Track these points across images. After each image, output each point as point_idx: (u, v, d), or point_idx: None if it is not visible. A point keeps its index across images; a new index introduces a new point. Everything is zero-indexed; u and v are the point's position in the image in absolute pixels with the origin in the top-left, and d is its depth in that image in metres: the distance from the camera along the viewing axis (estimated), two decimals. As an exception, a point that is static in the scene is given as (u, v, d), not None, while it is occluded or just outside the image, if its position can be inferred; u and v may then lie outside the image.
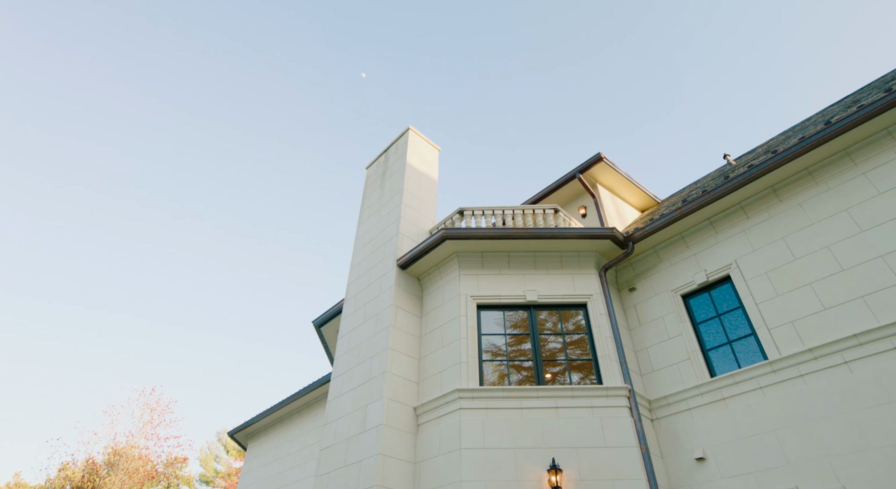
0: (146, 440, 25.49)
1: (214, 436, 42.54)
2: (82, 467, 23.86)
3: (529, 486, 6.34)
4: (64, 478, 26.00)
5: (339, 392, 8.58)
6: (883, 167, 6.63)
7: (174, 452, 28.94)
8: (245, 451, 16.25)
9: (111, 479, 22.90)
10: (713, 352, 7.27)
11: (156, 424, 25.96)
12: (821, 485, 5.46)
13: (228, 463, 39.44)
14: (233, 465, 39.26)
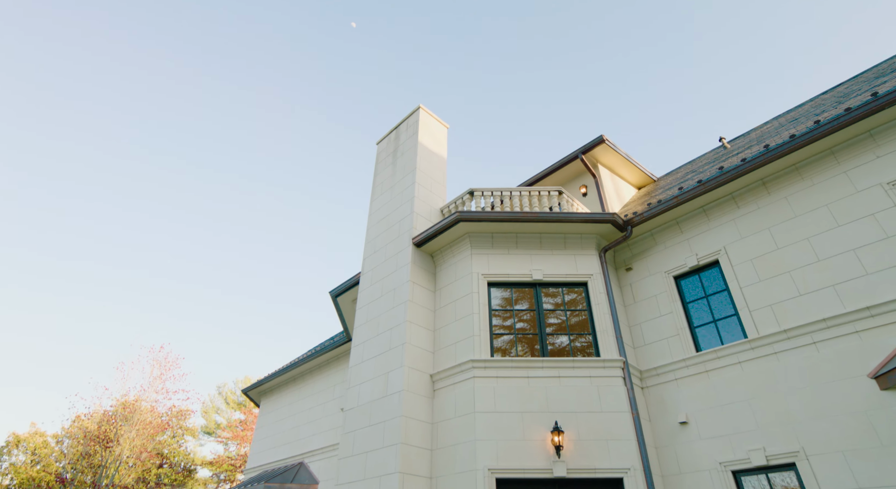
0: (155, 393, 26.72)
1: (215, 390, 44.14)
2: (98, 419, 25.09)
3: (535, 445, 7.30)
4: (78, 427, 27.33)
5: (361, 359, 9.43)
6: (862, 167, 7.31)
7: (178, 405, 30.31)
8: (258, 407, 17.34)
9: (126, 431, 24.17)
10: (699, 329, 8.15)
11: (164, 379, 27.12)
12: (784, 446, 6.45)
13: (229, 415, 41.19)
14: (232, 417, 41.04)
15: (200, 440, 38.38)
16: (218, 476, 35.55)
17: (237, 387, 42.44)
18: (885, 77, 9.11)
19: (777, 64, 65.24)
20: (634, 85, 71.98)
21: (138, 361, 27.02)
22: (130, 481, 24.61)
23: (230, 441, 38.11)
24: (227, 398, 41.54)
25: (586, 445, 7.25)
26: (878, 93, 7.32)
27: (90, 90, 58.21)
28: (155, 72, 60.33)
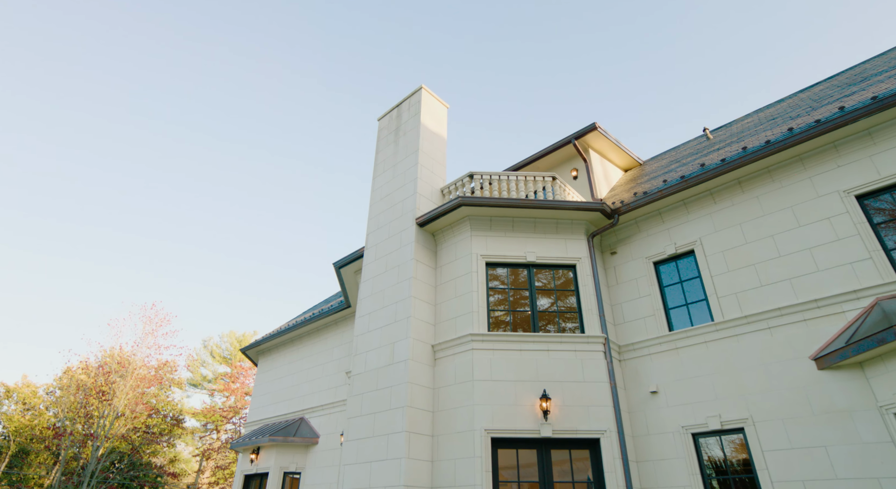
0: (147, 349, 27.45)
1: (201, 344, 45.03)
2: (94, 372, 25.80)
3: (525, 409, 8.38)
4: (70, 379, 28.02)
5: (367, 329, 10.31)
6: (824, 174, 8.23)
7: (165, 357, 31.07)
8: (256, 366, 18.28)
9: (121, 384, 24.99)
10: (673, 311, 9.21)
11: (156, 335, 27.79)
12: (736, 414, 7.64)
13: (214, 368, 42.25)
14: (218, 370, 42.14)
15: (187, 391, 39.52)
16: (205, 426, 36.95)
17: (223, 342, 43.35)
18: (854, 85, 9.94)
19: (770, 46, 65.44)
20: (626, 65, 71.52)
21: (130, 318, 27.53)
22: (125, 431, 25.66)
23: (216, 393, 39.34)
24: (213, 352, 42.46)
25: (570, 410, 8.36)
26: (844, 107, 8.17)
27: (89, 58, 55.53)
28: (155, 38, 57.64)
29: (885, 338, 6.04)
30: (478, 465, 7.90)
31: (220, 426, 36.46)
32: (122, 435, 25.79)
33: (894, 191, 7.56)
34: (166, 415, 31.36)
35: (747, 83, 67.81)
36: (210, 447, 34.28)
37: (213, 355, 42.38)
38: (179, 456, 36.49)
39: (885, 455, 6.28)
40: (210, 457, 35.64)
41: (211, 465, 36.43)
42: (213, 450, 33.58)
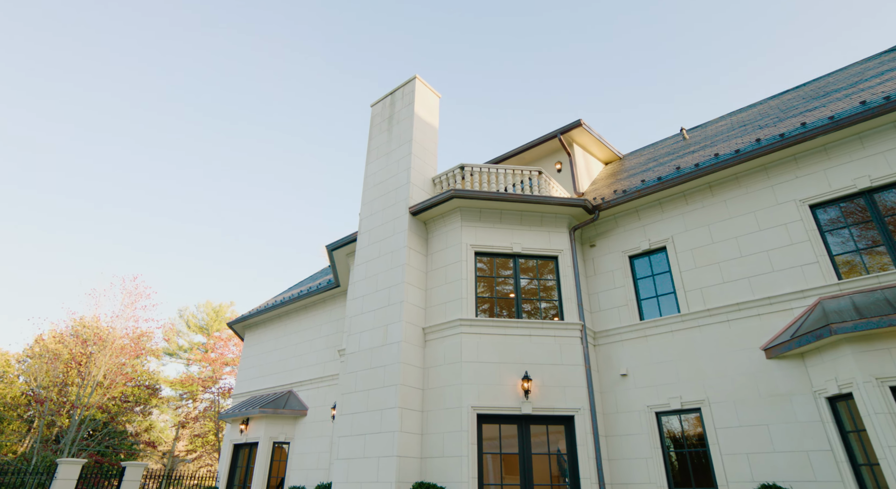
0: (126, 321, 27.47)
1: (176, 314, 44.92)
2: (71, 343, 25.78)
3: (508, 389, 9.22)
4: (42, 348, 27.92)
5: (360, 311, 10.95)
6: (785, 184, 9.11)
7: (141, 327, 31.15)
8: (243, 340, 18.76)
9: (100, 355, 25.10)
10: (644, 301, 10.12)
11: (135, 308, 27.80)
12: (694, 395, 8.64)
13: (190, 338, 42.35)
14: (194, 340, 42.27)
15: (163, 361, 39.63)
16: (182, 395, 37.27)
17: (199, 312, 43.35)
18: (817, 99, 10.82)
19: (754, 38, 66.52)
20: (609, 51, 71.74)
21: (110, 289, 27.42)
22: (104, 400, 25.91)
23: (193, 362, 39.56)
24: (189, 322, 42.47)
25: (548, 390, 9.25)
26: (805, 123, 9.03)
27: (89, 34, 52.53)
28: (153, 13, 54.79)
29: (822, 335, 7.00)
30: (464, 439, 8.74)
31: (196, 396, 36.84)
32: (100, 404, 26.03)
33: (842, 202, 8.49)
34: (142, 384, 31.63)
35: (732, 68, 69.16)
36: (187, 416, 34.73)
37: (188, 325, 42.40)
38: (154, 424, 36.85)
39: (815, 432, 7.35)
40: (186, 425, 36.13)
41: (187, 434, 36.94)
42: (192, 420, 34.06)
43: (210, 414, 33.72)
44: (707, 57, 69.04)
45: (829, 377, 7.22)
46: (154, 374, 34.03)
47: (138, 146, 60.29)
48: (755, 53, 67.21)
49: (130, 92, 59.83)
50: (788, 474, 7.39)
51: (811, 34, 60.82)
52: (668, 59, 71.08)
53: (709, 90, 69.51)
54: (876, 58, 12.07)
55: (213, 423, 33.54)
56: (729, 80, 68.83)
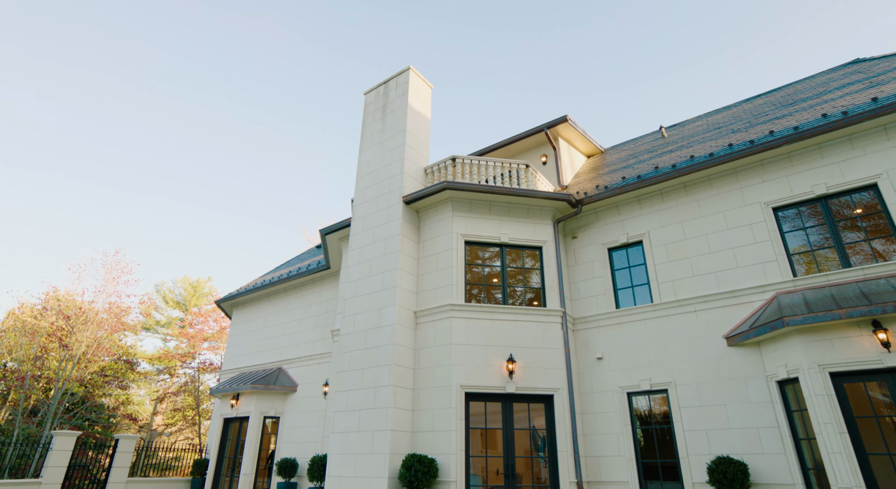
0: (107, 296, 27.37)
1: (153, 289, 44.59)
2: (51, 318, 25.65)
3: (494, 369, 9.99)
4: (14, 321, 27.63)
5: (355, 294, 11.51)
6: (752, 187, 9.94)
7: (123, 302, 31.06)
8: (230, 318, 19.13)
9: (81, 332, 25.07)
10: (621, 291, 10.94)
11: (117, 283, 27.67)
12: (662, 377, 9.55)
13: (168, 313, 42.24)
14: (171, 315, 42.20)
15: (140, 336, 39.55)
16: (159, 370, 37.37)
17: (176, 287, 43.16)
18: (785, 107, 11.65)
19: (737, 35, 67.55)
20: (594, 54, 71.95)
21: (92, 263, 27.22)
22: (85, 375, 26.00)
23: (170, 337, 39.59)
24: (166, 296, 42.28)
25: (531, 371, 10.05)
26: (773, 131, 9.83)
27: (75, 9, 49.78)
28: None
29: (776, 326, 7.91)
30: (453, 414, 9.50)
31: (174, 371, 36.98)
32: (79, 378, 26.10)
33: (801, 206, 9.36)
34: (120, 359, 31.68)
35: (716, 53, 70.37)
36: (166, 390, 34.97)
37: (166, 300, 42.22)
38: (132, 398, 36.96)
39: (765, 410, 8.32)
40: (164, 400, 36.35)
41: (164, 408, 37.17)
42: (172, 394, 34.33)
43: (190, 389, 34.03)
44: (694, 52, 70.06)
45: (780, 363, 8.16)
46: (132, 349, 34.05)
47: (129, 125, 58.49)
48: (745, 50, 68.49)
49: (120, 70, 57.69)
50: (741, 448, 8.38)
51: (793, 34, 62.28)
52: (657, 51, 71.83)
53: (691, 84, 70.79)
54: (840, 69, 12.93)
55: (193, 398, 33.89)
56: (715, 71, 70.12)
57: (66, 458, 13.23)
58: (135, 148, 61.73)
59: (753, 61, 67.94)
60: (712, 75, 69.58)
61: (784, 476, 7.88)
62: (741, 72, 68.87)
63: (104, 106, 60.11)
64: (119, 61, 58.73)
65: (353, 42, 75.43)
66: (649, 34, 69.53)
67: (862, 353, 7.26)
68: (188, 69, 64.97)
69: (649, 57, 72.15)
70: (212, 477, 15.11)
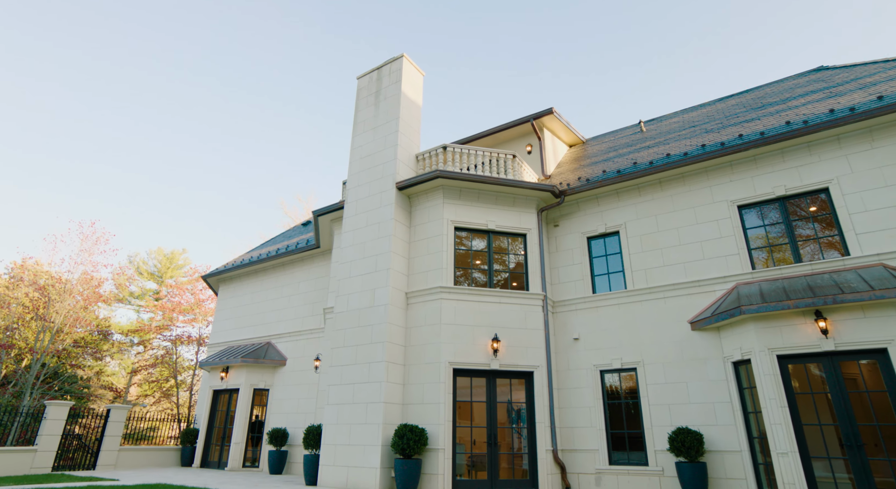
0: (84, 267, 27.14)
1: (126, 260, 43.98)
2: (25, 288, 25.38)
3: (480, 348, 10.81)
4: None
5: (349, 275, 12.10)
6: (721, 185, 10.84)
7: (100, 273, 30.83)
8: (217, 293, 19.46)
9: (58, 303, 24.93)
10: (597, 277, 11.84)
11: (93, 253, 27.44)
12: (632, 357, 10.55)
13: (142, 285, 41.91)
14: (146, 287, 41.89)
15: (113, 307, 39.23)
16: (132, 341, 37.29)
17: (150, 258, 42.74)
18: (755, 111, 12.54)
19: (703, 1, 68.41)
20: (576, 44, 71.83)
21: (68, 233, 26.86)
22: (62, 346, 25.99)
23: (143, 309, 39.41)
24: (140, 268, 41.89)
25: (513, 350, 10.91)
26: (742, 135, 10.71)
27: None
28: None
29: (734, 313, 8.90)
30: (442, 388, 10.32)
31: (149, 342, 36.96)
32: (56, 350, 26.07)
33: (762, 205, 10.32)
34: (97, 328, 31.60)
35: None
36: (142, 362, 35.06)
37: (140, 271, 41.82)
38: (105, 369, 36.89)
39: (720, 388, 9.40)
40: (140, 371, 36.42)
41: (140, 380, 37.23)
42: (149, 365, 34.44)
43: (168, 360, 34.20)
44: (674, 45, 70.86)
45: (735, 346, 9.19)
46: (105, 321, 33.91)
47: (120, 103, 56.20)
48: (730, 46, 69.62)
49: (101, 49, 55.01)
50: (698, 420, 9.46)
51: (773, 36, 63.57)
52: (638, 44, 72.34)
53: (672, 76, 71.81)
54: (806, 75, 13.87)
55: (171, 370, 34.08)
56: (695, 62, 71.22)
57: (60, 427, 13.63)
58: (108, 123, 59.62)
59: (735, 58, 69.38)
60: (698, 63, 70.80)
61: (733, 444, 9.00)
62: (726, 65, 70.29)
63: (88, 85, 57.60)
64: (101, 40, 56.10)
65: (332, 20, 73.64)
66: (636, 20, 70.01)
67: (804, 339, 8.31)
68: (171, 47, 62.56)
69: (633, 42, 72.79)
70: (202, 445, 15.73)
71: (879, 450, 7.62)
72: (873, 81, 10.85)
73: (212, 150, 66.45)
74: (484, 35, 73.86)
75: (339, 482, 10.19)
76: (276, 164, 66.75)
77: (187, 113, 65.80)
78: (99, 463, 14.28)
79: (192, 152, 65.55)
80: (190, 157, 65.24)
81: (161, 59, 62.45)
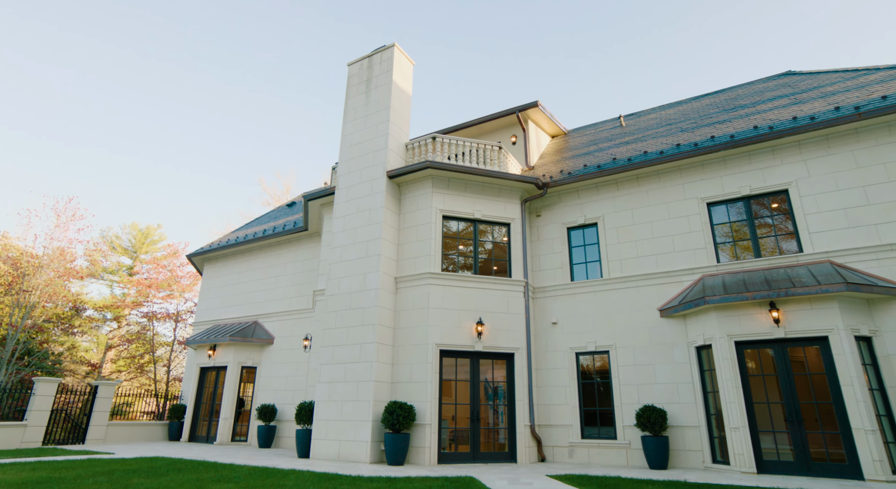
0: (59, 243, 26.75)
1: (98, 235, 43.19)
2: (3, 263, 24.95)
3: (465, 330, 11.51)
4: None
5: (340, 259, 12.58)
6: (692, 183, 11.65)
7: (76, 249, 30.42)
8: (202, 273, 19.65)
9: (34, 280, 24.62)
10: (576, 266, 12.62)
11: (68, 230, 27.03)
12: (606, 341, 11.43)
13: (115, 260, 41.33)
14: (120, 262, 41.35)
15: (86, 282, 38.66)
16: (104, 316, 36.96)
17: (124, 233, 42.08)
18: (727, 112, 13.34)
19: None
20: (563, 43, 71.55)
21: (43, 209, 26.34)
22: (37, 322, 25.78)
23: (121, 285, 38.98)
24: (113, 243, 41.24)
25: (496, 332, 11.65)
26: (714, 136, 11.49)
27: None
28: None
29: (699, 303, 9.78)
30: (429, 368, 11.02)
31: (122, 318, 36.70)
32: (32, 325, 25.83)
33: (729, 203, 11.18)
34: (73, 304, 31.30)
35: (660, 34, 72.14)
36: (120, 338, 34.88)
37: (113, 246, 41.19)
38: (78, 344, 36.57)
39: (684, 370, 10.36)
40: (114, 347, 36.22)
41: (115, 356, 37.04)
42: (126, 342, 34.31)
43: (146, 337, 34.12)
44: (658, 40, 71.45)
45: (699, 332, 10.12)
46: (78, 296, 33.54)
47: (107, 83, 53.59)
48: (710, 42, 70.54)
49: (82, 23, 52.05)
50: (663, 398, 10.42)
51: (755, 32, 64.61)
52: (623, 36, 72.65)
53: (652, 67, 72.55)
54: (775, 79, 14.73)
55: (148, 346, 34.03)
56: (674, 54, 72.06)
57: (49, 403, 13.89)
58: (82, 99, 57.26)
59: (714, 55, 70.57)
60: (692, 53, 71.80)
61: (693, 420, 10.00)
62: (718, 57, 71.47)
63: (68, 61, 54.90)
64: (75, 15, 53.24)
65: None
66: (625, 13, 70.31)
67: (759, 327, 9.26)
68: (150, 22, 59.94)
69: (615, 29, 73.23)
70: (189, 421, 16.18)
71: (816, 425, 8.67)
72: (833, 91, 11.73)
73: (186, 128, 64.77)
74: (470, 14, 73.21)
75: (331, 455, 10.86)
76: (252, 142, 65.59)
77: (161, 89, 63.72)
78: (88, 437, 14.61)
79: (168, 130, 63.77)
80: (165, 135, 63.49)
81: (139, 35, 60.07)
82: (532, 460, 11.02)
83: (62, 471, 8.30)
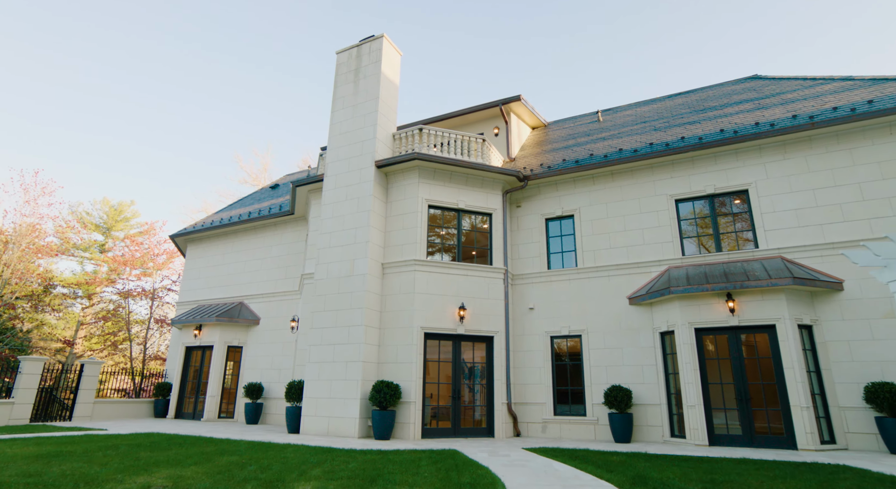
0: (27, 218, 26.26)
1: (68, 210, 42.21)
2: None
3: (448, 315, 12.22)
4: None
5: (328, 245, 13.06)
6: (663, 181, 12.49)
7: (46, 225, 29.93)
8: (185, 254, 19.77)
9: (5, 257, 24.24)
10: (553, 255, 13.41)
11: (38, 205, 26.52)
12: (578, 326, 12.33)
13: (86, 236, 40.60)
14: (91, 238, 40.67)
15: (54, 259, 37.92)
16: (75, 292, 36.46)
17: (94, 209, 41.24)
18: (697, 113, 14.18)
19: None
20: None
21: (11, 183, 25.73)
22: (9, 300, 25.46)
23: (91, 261, 38.38)
24: (84, 219, 40.43)
25: (477, 317, 12.41)
26: (684, 137, 12.32)
27: None
28: None
29: (664, 293, 10.70)
30: (414, 350, 11.73)
31: (95, 295, 36.28)
32: (2, 304, 25.50)
33: (695, 201, 12.08)
34: (36, 282, 30.85)
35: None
36: (95, 315, 34.57)
37: (83, 223, 40.40)
38: (46, 321, 36.07)
39: (649, 353, 11.33)
40: (87, 324, 35.86)
41: (89, 333, 36.69)
42: (99, 318, 34.04)
43: (120, 315, 33.90)
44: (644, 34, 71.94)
45: (663, 319, 11.06)
46: (48, 272, 33.03)
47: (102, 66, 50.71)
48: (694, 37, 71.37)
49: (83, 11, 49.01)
50: (629, 379, 11.40)
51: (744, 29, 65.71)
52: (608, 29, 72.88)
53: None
54: (743, 82, 15.62)
55: (124, 324, 33.84)
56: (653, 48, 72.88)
57: (35, 381, 14.11)
58: (51, 77, 54.71)
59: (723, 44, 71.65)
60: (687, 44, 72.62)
61: (655, 398, 11.01)
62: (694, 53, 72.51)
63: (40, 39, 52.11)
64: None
65: (289, -46, 69.28)
66: None
67: (716, 315, 10.24)
68: None
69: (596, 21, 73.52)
70: (175, 398, 16.60)
71: (762, 403, 9.75)
72: (792, 98, 12.66)
73: (158, 105, 62.80)
74: (455, 6, 72.34)
75: (320, 430, 11.54)
76: (227, 119, 64.18)
77: (133, 67, 61.44)
78: (75, 414, 14.92)
79: (138, 107, 61.74)
80: (136, 112, 61.48)
81: (109, 10, 57.50)
82: (508, 435, 11.92)
83: (67, 445, 8.75)
